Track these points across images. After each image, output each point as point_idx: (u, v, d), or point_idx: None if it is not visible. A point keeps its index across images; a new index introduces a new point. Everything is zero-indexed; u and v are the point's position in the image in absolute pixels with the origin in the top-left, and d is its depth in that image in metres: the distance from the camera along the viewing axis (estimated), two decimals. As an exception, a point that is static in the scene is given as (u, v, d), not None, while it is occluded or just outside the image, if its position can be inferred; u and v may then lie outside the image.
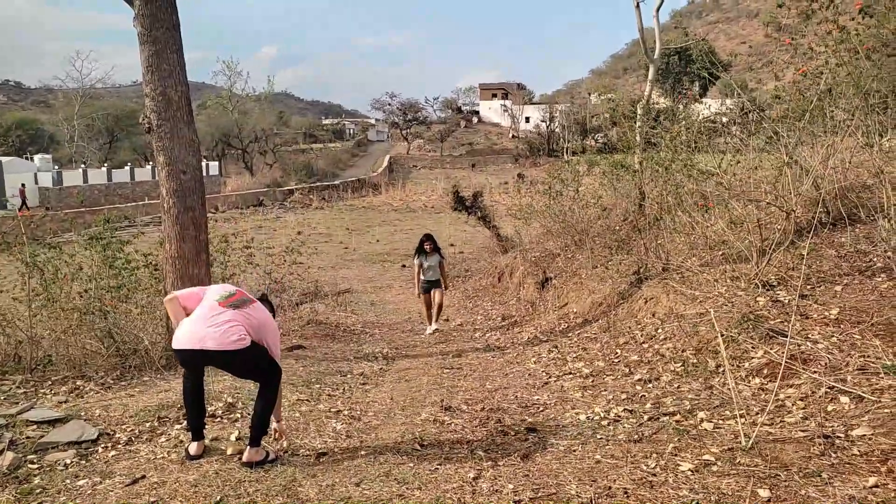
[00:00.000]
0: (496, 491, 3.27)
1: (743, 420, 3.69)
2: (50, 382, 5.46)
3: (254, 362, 3.79)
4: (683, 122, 9.66)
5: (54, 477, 3.57)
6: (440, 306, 9.44)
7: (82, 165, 42.49)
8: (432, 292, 9.38)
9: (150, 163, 43.36)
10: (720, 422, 3.88)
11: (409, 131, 72.27)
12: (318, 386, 5.77)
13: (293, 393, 5.35)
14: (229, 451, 3.93)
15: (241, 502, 3.26)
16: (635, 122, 11.63)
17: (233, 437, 4.16)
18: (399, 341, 9.00)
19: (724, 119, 12.52)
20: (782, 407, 3.84)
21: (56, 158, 47.15)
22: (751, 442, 3.35)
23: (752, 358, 4.60)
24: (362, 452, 4.03)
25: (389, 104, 71.87)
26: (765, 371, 4.37)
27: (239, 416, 4.66)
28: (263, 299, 4.25)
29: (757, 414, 3.79)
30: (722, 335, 4.86)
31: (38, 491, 3.39)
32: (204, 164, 38.99)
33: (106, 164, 44.16)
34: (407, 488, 3.37)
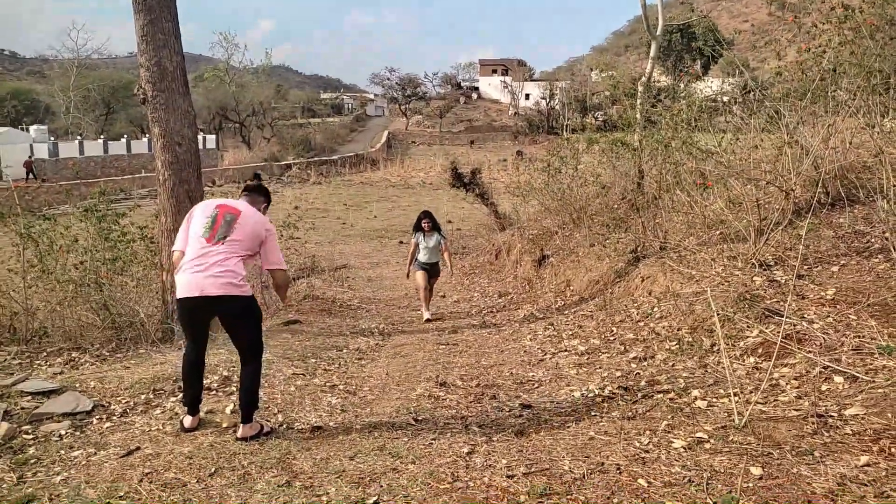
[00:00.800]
0: (489, 466, 3.29)
1: (737, 398, 3.70)
2: (45, 354, 5.46)
3: (251, 311, 3.83)
4: (684, 100, 9.59)
5: (49, 448, 3.58)
6: (432, 290, 8.99)
7: (78, 137, 42.14)
8: (429, 276, 8.75)
9: (147, 135, 43.02)
10: (714, 400, 3.89)
11: (408, 107, 71.76)
12: (313, 360, 5.78)
13: (288, 367, 5.36)
14: (224, 424, 3.95)
15: (236, 474, 3.28)
16: (636, 100, 11.53)
17: (228, 410, 4.17)
18: (395, 317, 9.02)
19: (726, 98, 12.43)
20: (776, 386, 3.85)
21: (52, 129, 46.78)
22: (744, 420, 3.36)
23: (748, 337, 4.60)
24: (357, 426, 4.04)
25: (388, 79, 71.35)
26: (759, 350, 4.38)
27: (234, 388, 4.66)
28: (254, 188, 4.12)
29: (751, 392, 3.80)
30: (718, 314, 4.87)
31: (32, 461, 3.40)
32: (201, 137, 38.71)
33: (102, 136, 43.82)
34: (401, 462, 3.39)
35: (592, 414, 4.03)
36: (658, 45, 12.13)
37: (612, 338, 5.87)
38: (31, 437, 3.70)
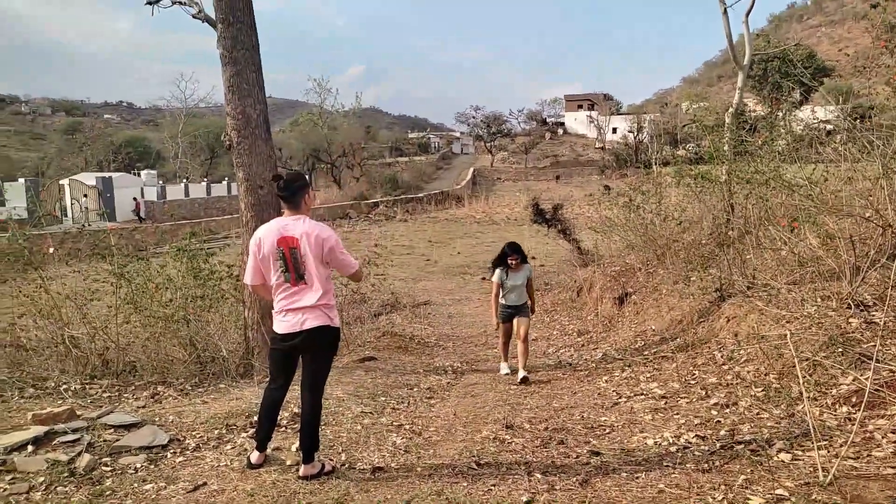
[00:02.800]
0: (548, 517, 3.15)
1: (824, 452, 3.40)
2: (133, 388, 5.76)
3: (334, 345, 3.99)
4: (778, 131, 9.13)
5: (124, 480, 3.75)
6: (525, 340, 6.96)
7: (184, 180, 45.15)
8: (515, 321, 7.07)
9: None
10: (799, 453, 3.59)
11: (493, 144, 72.35)
12: (383, 398, 5.80)
13: (358, 405, 5.40)
14: (289, 462, 4.00)
15: (293, 514, 3.30)
16: (724, 131, 11.10)
17: (293, 448, 4.22)
18: (471, 355, 8.94)
19: (830, 127, 11.76)
20: (871, 439, 3.51)
21: (161, 174, 50.35)
22: (829, 476, 3.06)
23: (841, 384, 4.24)
24: (418, 469, 3.99)
25: (474, 117, 72.24)
26: (853, 399, 4.01)
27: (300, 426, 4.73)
28: (288, 197, 3.84)
29: (841, 446, 3.47)
30: (806, 359, 4.53)
31: (108, 493, 3.56)
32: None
33: (206, 179, 46.77)
34: (457, 509, 3.31)
35: (665, 464, 3.81)
36: (745, 74, 11.67)
37: (692, 381, 5.56)
38: (109, 468, 3.88)
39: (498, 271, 7.02)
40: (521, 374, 6.64)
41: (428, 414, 5.46)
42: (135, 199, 35.70)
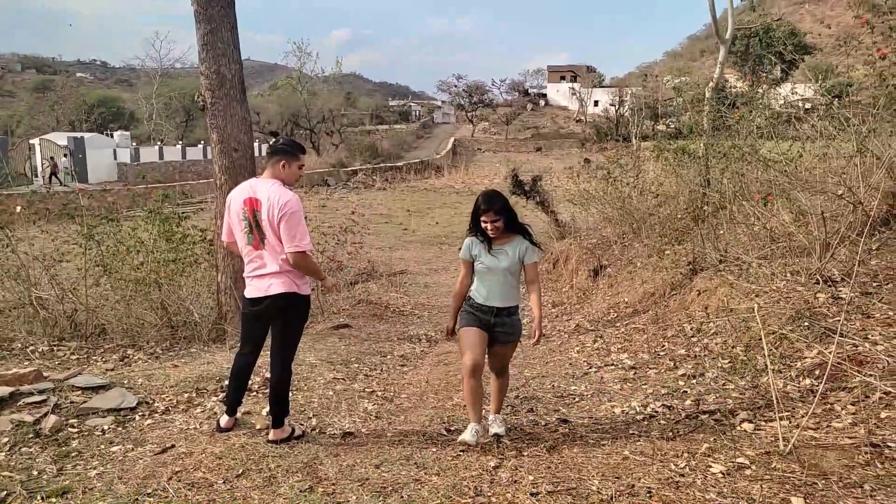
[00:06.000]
0: (515, 481, 3.19)
1: (786, 423, 3.48)
2: (102, 350, 5.71)
3: (303, 311, 3.90)
4: (756, 107, 9.16)
5: (91, 442, 3.72)
6: (504, 374, 4.10)
7: (158, 143, 44.24)
8: (494, 347, 3.95)
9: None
10: (762, 423, 3.67)
11: (474, 114, 71.87)
12: (356, 365, 5.81)
13: (330, 371, 5.40)
14: (258, 426, 4.00)
15: (262, 477, 3.31)
16: (704, 105, 11.13)
17: (264, 412, 4.22)
18: (446, 324, 8.97)
19: (808, 105, 11.83)
20: (831, 411, 3.59)
21: (135, 136, 49.24)
22: (790, 446, 3.14)
23: (805, 358, 4.32)
24: (388, 434, 4.02)
25: (456, 86, 71.59)
26: (817, 372, 4.10)
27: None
28: (270, 153, 3.77)
29: (802, 417, 3.55)
30: (772, 332, 4.61)
31: (74, 454, 3.53)
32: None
33: (181, 142, 45.86)
34: (425, 473, 3.34)
35: (631, 432, 3.87)
36: (727, 49, 11.65)
37: (661, 353, 5.64)
38: (76, 430, 3.84)
39: (467, 241, 3.93)
40: (495, 426, 3.89)
41: (400, 381, 5.48)
42: (52, 158, 33.82)
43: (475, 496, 3.07)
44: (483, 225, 3.83)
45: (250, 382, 4.73)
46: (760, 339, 4.86)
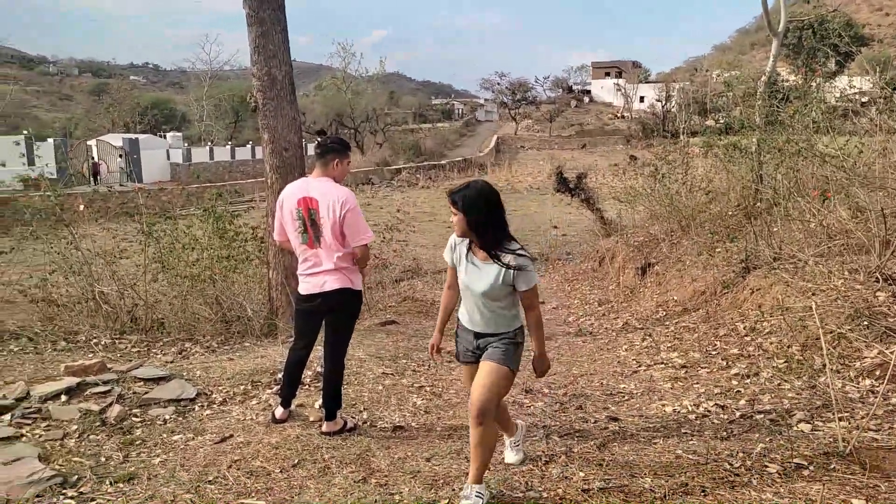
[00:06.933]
0: (565, 478, 3.20)
1: (845, 423, 3.39)
2: (161, 343, 5.92)
3: (356, 307, 3.99)
4: (811, 101, 8.91)
5: (153, 431, 3.87)
6: (482, 422, 2.92)
7: (209, 143, 45.40)
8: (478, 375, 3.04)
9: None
10: (820, 424, 3.58)
11: (517, 111, 71.53)
12: (404, 361, 5.88)
13: (378, 366, 5.48)
14: (312, 418, 4.10)
15: (317, 467, 3.40)
16: (755, 101, 10.86)
17: (317, 405, 4.32)
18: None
19: (865, 98, 11.43)
20: (893, 412, 3.49)
21: (187, 136, 50.65)
22: (849, 447, 3.06)
23: (865, 357, 4.21)
24: (438, 428, 4.07)
25: (498, 84, 71.44)
26: (877, 372, 3.98)
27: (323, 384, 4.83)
28: (321, 153, 3.81)
29: (862, 418, 3.46)
30: (830, 331, 4.49)
31: (138, 442, 3.69)
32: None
33: (230, 143, 46.96)
34: (476, 467, 3.37)
35: (683, 431, 3.83)
36: (780, 42, 11.34)
37: (713, 352, 5.55)
38: (139, 419, 4.01)
39: (450, 239, 3.16)
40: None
41: (448, 377, 5.52)
42: (93, 159, 34.96)
43: (526, 491, 3.09)
44: (458, 226, 2.95)
45: (302, 377, 4.87)
46: (817, 339, 4.75)
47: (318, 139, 3.87)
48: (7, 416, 3.89)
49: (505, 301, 3.00)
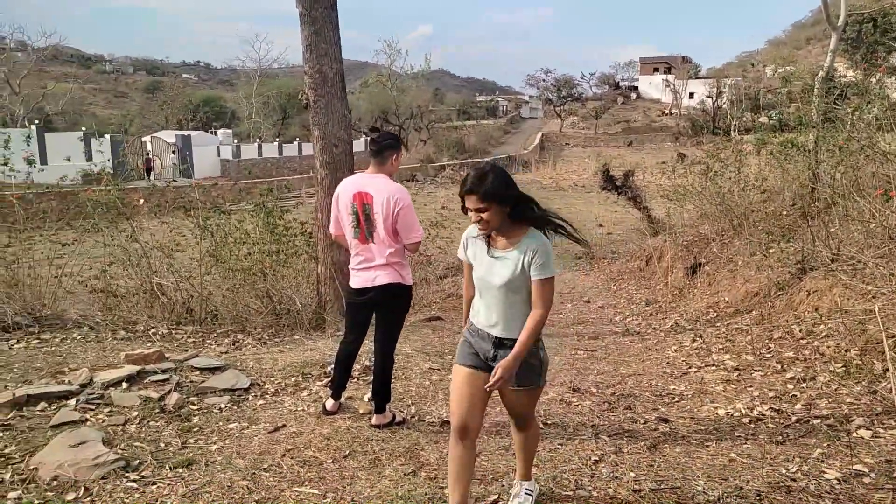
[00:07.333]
0: (616, 478, 3.18)
1: (909, 432, 3.28)
2: (215, 335, 6.08)
3: (406, 302, 4.05)
4: (873, 97, 8.59)
5: (210, 418, 3.99)
6: (527, 426, 2.97)
7: (257, 140, 46.35)
8: (503, 391, 2.82)
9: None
10: (880, 431, 3.47)
11: (562, 108, 70.88)
12: (449, 356, 5.90)
13: (425, 361, 5.53)
14: (361, 411, 4.17)
15: (367, 459, 3.45)
16: (813, 97, 10.54)
17: (365, 398, 4.38)
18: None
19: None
20: (961, 421, 3.35)
21: (236, 133, 51.81)
22: (915, 457, 2.96)
23: (930, 364, 4.04)
24: (485, 424, 4.07)
25: (544, 80, 70.93)
26: (944, 380, 3.83)
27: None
28: (377, 150, 3.87)
29: (928, 427, 3.34)
30: (893, 335, 4.33)
31: (195, 430, 3.81)
32: (363, 139, 40.80)
33: (278, 139, 47.84)
34: (525, 464, 3.37)
35: (736, 435, 3.75)
36: (839, 36, 10.97)
37: (768, 355, 5.41)
38: (196, 407, 4.14)
39: (465, 233, 2.91)
40: (516, 500, 2.91)
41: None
42: (147, 154, 35.98)
43: (576, 489, 3.08)
44: (470, 213, 2.68)
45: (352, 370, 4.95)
46: (878, 343, 4.60)
47: (372, 136, 3.92)
48: (72, 402, 4.06)
49: (521, 291, 2.67)
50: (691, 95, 67.88)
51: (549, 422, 4.14)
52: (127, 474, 3.20)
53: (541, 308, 2.63)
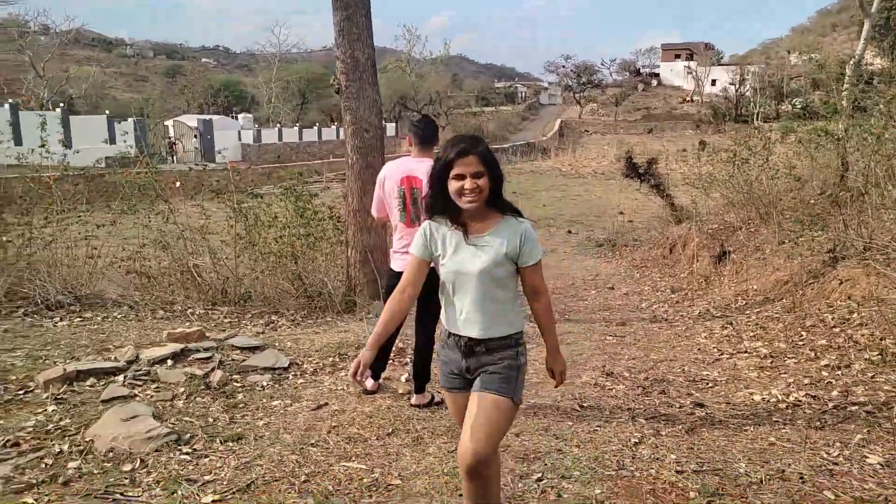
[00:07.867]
0: (657, 459, 3.23)
1: (951, 419, 3.29)
2: (250, 315, 6.19)
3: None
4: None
5: (254, 396, 4.09)
6: (479, 474, 2.30)
7: (277, 125, 46.54)
8: (472, 399, 2.38)
9: (335, 123, 46.30)
10: (922, 419, 3.48)
11: (582, 95, 70.30)
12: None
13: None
14: (400, 391, 4.25)
15: (410, 437, 3.54)
16: (842, 85, 10.41)
17: (403, 378, 4.47)
18: (561, 305, 8.98)
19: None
20: None
21: (256, 118, 52.04)
22: (959, 443, 2.98)
23: (970, 353, 4.04)
24: (522, 406, 4.13)
25: (563, 66, 70.35)
26: (985, 369, 3.83)
27: (409, 360, 4.95)
28: (426, 138, 4.00)
29: (970, 415, 3.35)
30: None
31: (240, 406, 3.92)
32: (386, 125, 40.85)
33: (297, 124, 48.02)
34: (565, 444, 3.44)
35: (774, 420, 3.79)
36: (872, 23, 10.80)
37: (800, 342, 5.41)
38: (239, 385, 4.24)
39: (423, 228, 2.57)
40: None
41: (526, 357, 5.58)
42: (170, 138, 36.24)
43: (618, 469, 3.14)
44: (456, 185, 2.32)
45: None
46: (915, 332, 4.59)
47: (416, 123, 3.99)
48: (120, 378, 4.18)
49: (506, 285, 2.41)
50: (713, 83, 67.00)
51: (584, 404, 4.19)
52: (179, 447, 3.30)
53: (544, 293, 2.49)
